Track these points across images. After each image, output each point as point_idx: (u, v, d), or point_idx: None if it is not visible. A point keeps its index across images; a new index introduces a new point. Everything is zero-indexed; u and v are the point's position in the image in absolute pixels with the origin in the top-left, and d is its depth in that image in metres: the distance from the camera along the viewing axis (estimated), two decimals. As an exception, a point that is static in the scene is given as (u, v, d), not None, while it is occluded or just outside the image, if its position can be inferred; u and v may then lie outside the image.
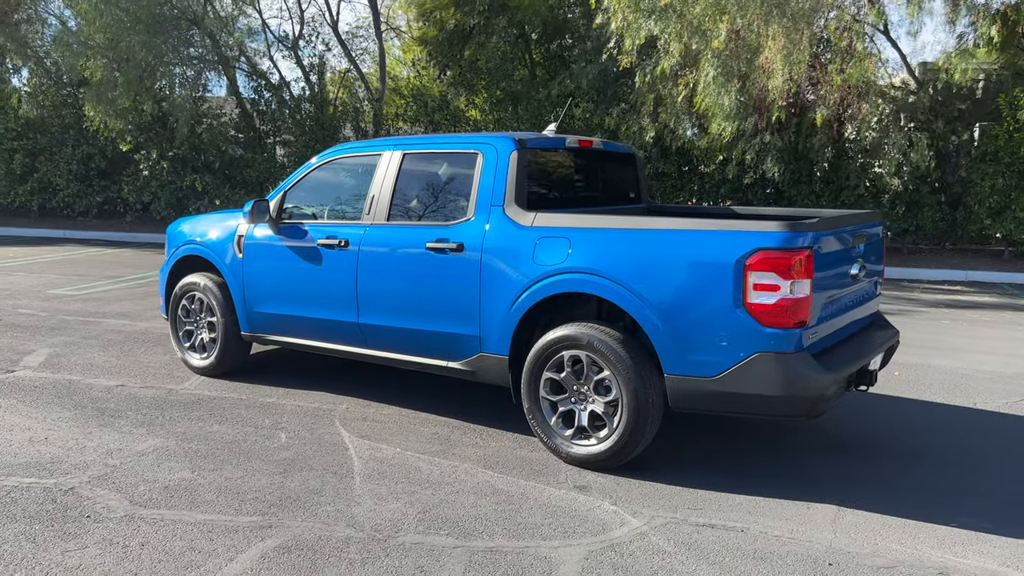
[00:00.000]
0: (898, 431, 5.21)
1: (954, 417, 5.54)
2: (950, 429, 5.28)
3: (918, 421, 5.44)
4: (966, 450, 4.87)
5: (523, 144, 4.81)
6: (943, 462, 4.65)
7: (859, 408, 5.68)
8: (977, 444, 4.99)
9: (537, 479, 4.31)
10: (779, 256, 3.85)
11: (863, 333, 4.75)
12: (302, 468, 4.41)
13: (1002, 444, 5.00)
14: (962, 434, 5.19)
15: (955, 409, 5.73)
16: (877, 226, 4.90)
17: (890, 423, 5.38)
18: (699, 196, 14.50)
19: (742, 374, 3.96)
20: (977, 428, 5.32)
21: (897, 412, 5.64)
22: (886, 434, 5.15)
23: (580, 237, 4.42)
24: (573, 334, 4.38)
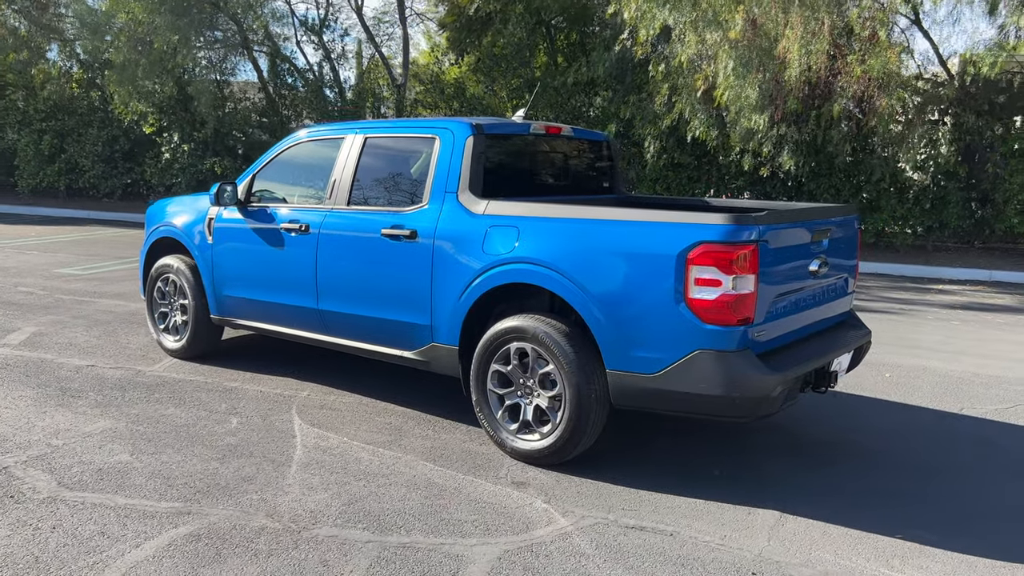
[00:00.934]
0: (866, 435, 4.99)
1: (933, 422, 5.30)
2: (924, 434, 5.05)
3: (891, 425, 5.21)
4: (933, 457, 4.64)
5: (480, 129, 4.68)
6: (905, 469, 4.44)
7: (832, 410, 5.47)
8: (947, 451, 4.76)
9: (477, 473, 4.20)
10: (721, 250, 3.67)
11: (827, 333, 4.54)
12: (242, 455, 4.36)
13: (974, 452, 4.76)
14: (934, 440, 4.95)
15: (937, 414, 5.48)
16: (849, 220, 4.68)
17: (861, 426, 5.17)
18: (716, 188, 14.21)
19: (682, 372, 3.80)
20: (953, 434, 5.08)
21: (872, 415, 5.42)
22: (853, 437, 4.94)
23: (528, 226, 4.29)
24: (519, 326, 4.26)
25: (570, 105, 15.05)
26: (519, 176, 5.10)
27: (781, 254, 3.93)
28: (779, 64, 10.80)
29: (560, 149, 5.41)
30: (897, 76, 11.15)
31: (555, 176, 5.40)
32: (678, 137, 13.15)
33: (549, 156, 5.36)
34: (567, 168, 5.47)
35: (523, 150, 5.12)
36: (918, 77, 13.39)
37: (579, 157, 5.63)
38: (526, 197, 4.88)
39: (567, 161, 5.48)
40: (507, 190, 4.94)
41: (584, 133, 5.63)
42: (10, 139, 18.65)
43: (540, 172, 5.30)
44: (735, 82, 10.17)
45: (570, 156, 5.51)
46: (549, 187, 5.29)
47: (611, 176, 5.82)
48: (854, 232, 4.75)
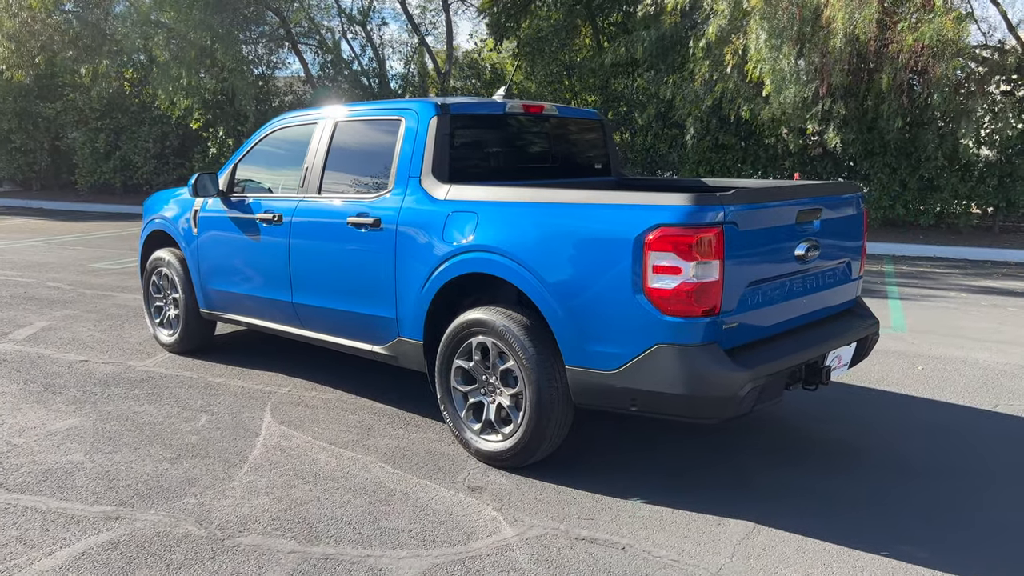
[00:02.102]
0: (875, 434, 4.53)
1: (956, 421, 4.80)
2: (941, 434, 4.56)
3: (906, 424, 4.73)
4: (945, 460, 4.17)
5: (445, 109, 4.39)
6: (908, 474, 3.98)
7: (844, 407, 5.01)
8: (964, 454, 4.27)
9: (434, 477, 3.94)
10: (680, 234, 3.31)
11: (824, 323, 4.11)
12: (198, 455, 4.19)
13: (996, 455, 4.26)
14: (953, 441, 4.46)
15: (965, 411, 4.97)
16: (849, 199, 4.22)
17: (871, 425, 4.70)
18: (765, 170, 13.57)
19: (642, 368, 3.46)
20: (977, 434, 4.57)
21: (888, 412, 4.94)
22: (858, 438, 4.49)
23: (486, 212, 3.99)
24: (480, 318, 3.97)
25: (609, 87, 14.58)
26: (495, 159, 4.79)
27: (756, 237, 3.53)
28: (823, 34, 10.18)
29: (544, 130, 5.07)
30: (954, 44, 10.37)
31: (539, 159, 5.06)
32: (721, 117, 12.58)
33: (532, 137, 5.03)
34: (554, 150, 5.13)
35: (500, 132, 4.80)
36: (983, 46, 12.50)
37: (567, 138, 5.28)
38: (504, 182, 4.58)
39: (553, 142, 5.13)
40: (481, 175, 4.64)
41: (572, 111, 5.28)
42: (71, 138, 19.18)
43: (521, 155, 4.97)
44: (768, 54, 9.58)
45: (557, 137, 5.16)
46: (532, 171, 4.96)
47: (605, 157, 5.45)
48: (857, 212, 4.30)
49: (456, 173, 4.41)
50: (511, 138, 4.88)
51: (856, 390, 5.38)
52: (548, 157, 5.08)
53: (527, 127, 4.96)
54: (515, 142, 4.92)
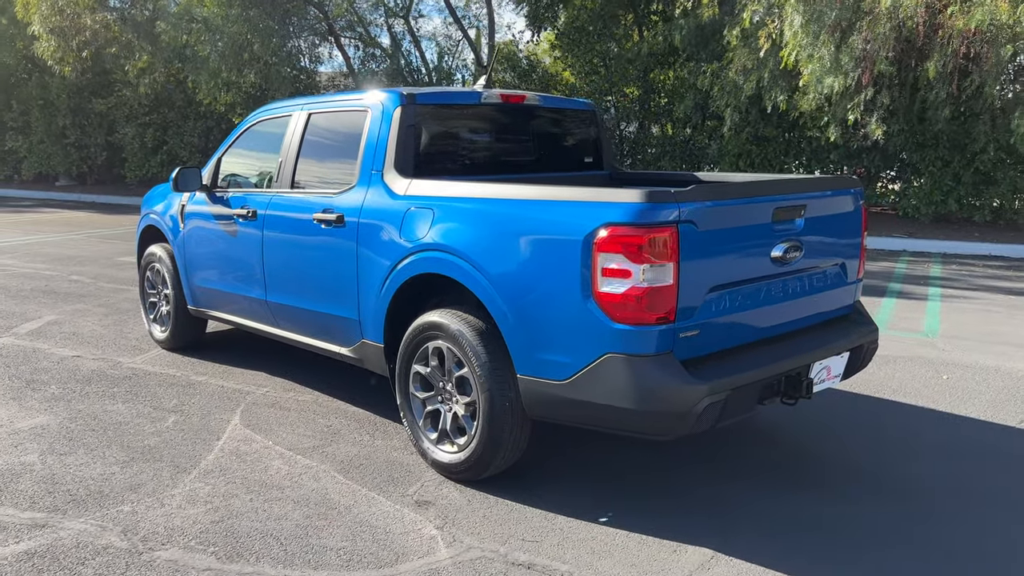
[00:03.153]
0: (874, 453, 4.15)
1: (973, 438, 4.38)
2: (952, 454, 4.15)
3: (915, 441, 4.33)
4: (949, 485, 3.77)
5: (411, 99, 4.16)
6: (902, 498, 3.61)
7: (847, 419, 4.63)
8: (970, 478, 3.87)
9: (384, 489, 3.72)
10: (629, 234, 3.02)
11: (810, 331, 3.75)
12: (152, 458, 4.06)
13: (1006, 477, 3.84)
14: (962, 462, 4.05)
15: (985, 427, 4.54)
16: (842, 195, 3.85)
17: (874, 441, 4.32)
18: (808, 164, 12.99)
19: (592, 379, 3.18)
20: (992, 456, 4.15)
21: (894, 426, 4.54)
22: (854, 456, 4.12)
23: (442, 208, 3.75)
24: (436, 321, 3.73)
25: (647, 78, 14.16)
26: (470, 153, 4.54)
27: (720, 237, 3.21)
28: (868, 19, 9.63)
29: (527, 121, 4.79)
30: (1009, 29, 9.70)
31: (521, 152, 4.79)
32: (761, 108, 12.06)
33: (512, 130, 4.76)
34: (538, 143, 4.85)
35: (475, 123, 4.55)
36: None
37: (554, 130, 4.99)
38: (478, 177, 4.34)
39: (537, 135, 4.85)
40: (453, 169, 4.40)
41: (559, 102, 5.00)
42: (122, 133, 19.57)
43: (500, 148, 4.70)
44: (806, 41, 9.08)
45: (541, 129, 4.88)
46: (512, 165, 4.70)
47: (596, 150, 5.15)
48: (855, 209, 3.92)
49: (423, 167, 4.18)
50: (488, 130, 4.62)
51: (866, 401, 4.98)
52: (531, 150, 4.81)
53: (507, 119, 4.70)
54: (493, 134, 4.66)
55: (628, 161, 15.08)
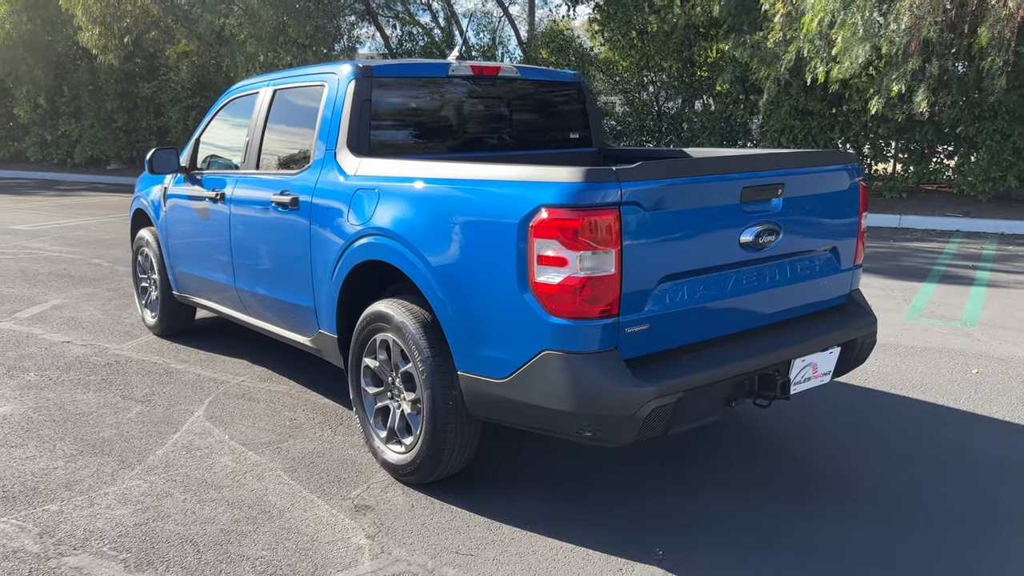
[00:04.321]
0: (873, 459, 3.75)
1: (991, 443, 3.93)
2: (963, 462, 3.72)
3: (924, 445, 3.90)
4: (955, 499, 3.36)
5: (366, 72, 3.87)
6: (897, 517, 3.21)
7: (852, 419, 4.21)
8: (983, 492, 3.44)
9: (326, 490, 3.48)
10: (564, 217, 2.69)
11: (790, 325, 3.36)
12: (101, 452, 3.90)
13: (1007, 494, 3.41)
14: (974, 472, 3.62)
15: (1008, 430, 4.08)
16: (835, 172, 3.43)
17: (876, 444, 3.90)
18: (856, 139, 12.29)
19: (530, 378, 2.87)
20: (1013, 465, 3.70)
21: (908, 428, 4.11)
22: (849, 462, 3.72)
23: (386, 190, 3.46)
24: (382, 312, 3.46)
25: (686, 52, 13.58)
26: (436, 130, 4.23)
27: (673, 220, 2.85)
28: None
29: (502, 95, 4.46)
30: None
31: (495, 129, 4.46)
32: (802, 80, 11.42)
33: (486, 104, 4.43)
34: (514, 118, 4.51)
35: (442, 98, 4.23)
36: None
37: (534, 104, 4.64)
38: (438, 156, 4.04)
39: (514, 110, 4.51)
40: (416, 148, 4.11)
41: (540, 73, 4.65)
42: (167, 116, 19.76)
43: (471, 124, 4.38)
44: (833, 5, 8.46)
45: (519, 103, 4.54)
46: (485, 143, 4.38)
47: (583, 125, 4.79)
48: (850, 187, 3.50)
49: (381, 146, 3.90)
50: (458, 105, 4.30)
51: (879, 398, 4.55)
52: (506, 126, 4.47)
53: (479, 92, 4.37)
54: (463, 110, 4.33)
55: (669, 138, 14.55)
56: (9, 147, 23.60)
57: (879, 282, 7.75)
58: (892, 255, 9.37)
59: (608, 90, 15.35)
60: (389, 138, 3.96)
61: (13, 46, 19.10)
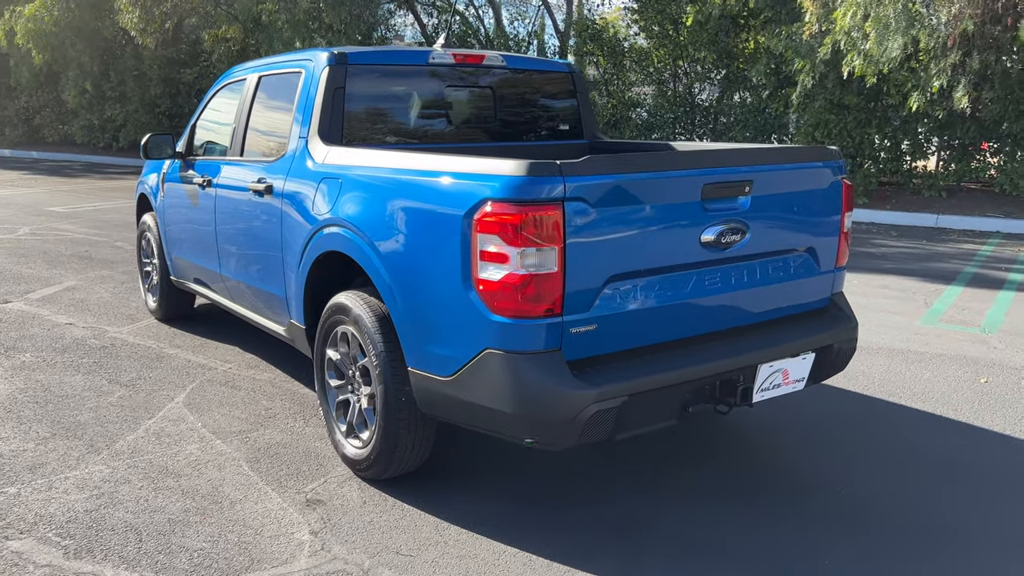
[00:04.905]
0: (843, 468, 3.58)
1: (987, 461, 3.73)
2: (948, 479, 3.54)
3: (901, 458, 3.71)
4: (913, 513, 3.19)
5: (341, 58, 3.81)
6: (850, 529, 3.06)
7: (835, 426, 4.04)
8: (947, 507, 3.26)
9: (283, 483, 3.44)
10: (506, 212, 2.59)
11: (758, 329, 3.21)
12: (73, 435, 3.92)
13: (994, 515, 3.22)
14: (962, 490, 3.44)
15: (1003, 444, 3.87)
16: (809, 168, 3.27)
17: (849, 455, 3.73)
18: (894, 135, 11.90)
19: (473, 377, 2.78)
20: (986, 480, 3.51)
21: (895, 441, 3.92)
22: (814, 470, 3.55)
23: (347, 179, 3.40)
24: (342, 303, 3.40)
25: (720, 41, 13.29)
26: (414, 120, 4.15)
27: (623, 218, 2.73)
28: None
29: (487, 85, 4.35)
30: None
31: (478, 119, 4.36)
32: (838, 73, 11.07)
33: (469, 94, 4.33)
34: (500, 109, 4.40)
35: (422, 87, 4.14)
36: None
37: (521, 94, 4.53)
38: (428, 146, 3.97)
39: (500, 100, 4.40)
40: (392, 138, 4.03)
41: (528, 63, 4.53)
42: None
43: (454, 115, 4.28)
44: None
45: (505, 93, 4.43)
46: (467, 134, 4.28)
47: (575, 116, 4.66)
48: (829, 185, 3.33)
49: (354, 135, 3.83)
50: (438, 95, 4.21)
51: (874, 405, 4.36)
52: (491, 117, 4.37)
53: (462, 82, 4.27)
54: (444, 99, 4.24)
55: (701, 131, 14.27)
56: (59, 130, 24.18)
57: (902, 283, 7.48)
58: (922, 256, 9.04)
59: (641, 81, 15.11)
60: (364, 127, 3.89)
61: (61, 32, 19.52)
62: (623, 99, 14.74)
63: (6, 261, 8.12)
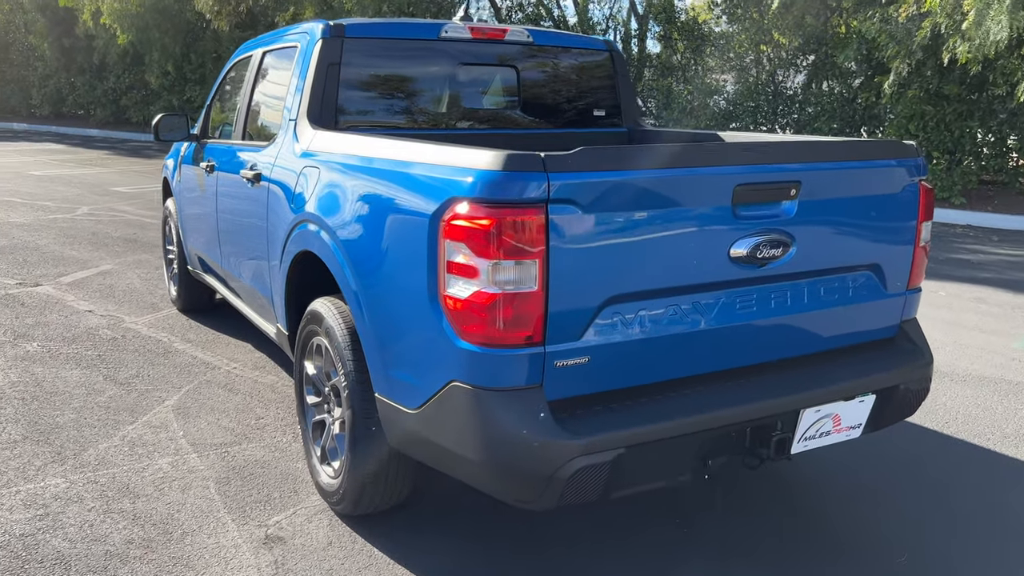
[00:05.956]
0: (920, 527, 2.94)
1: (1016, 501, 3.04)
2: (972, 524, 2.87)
3: (985, 516, 3.05)
4: None
5: (337, 31, 3.36)
6: None
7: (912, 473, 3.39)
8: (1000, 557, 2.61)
9: (246, 513, 3.03)
10: (475, 215, 2.08)
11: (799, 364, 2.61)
12: (44, 440, 3.62)
13: None
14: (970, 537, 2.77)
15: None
16: (878, 167, 2.64)
17: (923, 509, 3.08)
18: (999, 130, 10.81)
19: (439, 413, 2.29)
20: None
21: (979, 493, 3.25)
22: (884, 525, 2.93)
23: (326, 168, 2.95)
24: (317, 311, 2.96)
25: (807, 24, 12.36)
26: (422, 102, 3.66)
27: (627, 225, 2.18)
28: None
29: (509, 64, 3.83)
30: None
31: (502, 103, 3.84)
32: (938, 60, 10.08)
33: (488, 74, 3.81)
34: (524, 91, 3.87)
35: (432, 65, 3.65)
36: None
37: (550, 75, 3.99)
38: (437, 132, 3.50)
39: (524, 81, 3.87)
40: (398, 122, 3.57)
41: (558, 39, 3.99)
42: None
43: (470, 97, 3.78)
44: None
45: (532, 74, 3.90)
46: (489, 119, 3.78)
47: (613, 100, 4.10)
48: (902, 188, 2.69)
49: (349, 118, 3.38)
50: (452, 74, 3.71)
51: (954, 447, 3.69)
52: (515, 101, 3.85)
53: (480, 60, 3.76)
54: (459, 80, 3.74)
55: (784, 122, 13.37)
56: (144, 111, 24.68)
57: (1000, 297, 6.63)
58: (1025, 265, 8.10)
59: (720, 67, 14.27)
60: (362, 110, 3.44)
61: (145, 12, 19.80)
62: (700, 86, 13.94)
63: (54, 242, 8.04)
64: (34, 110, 28.40)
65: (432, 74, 3.64)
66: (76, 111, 27.27)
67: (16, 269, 6.83)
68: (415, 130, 3.53)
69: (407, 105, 3.60)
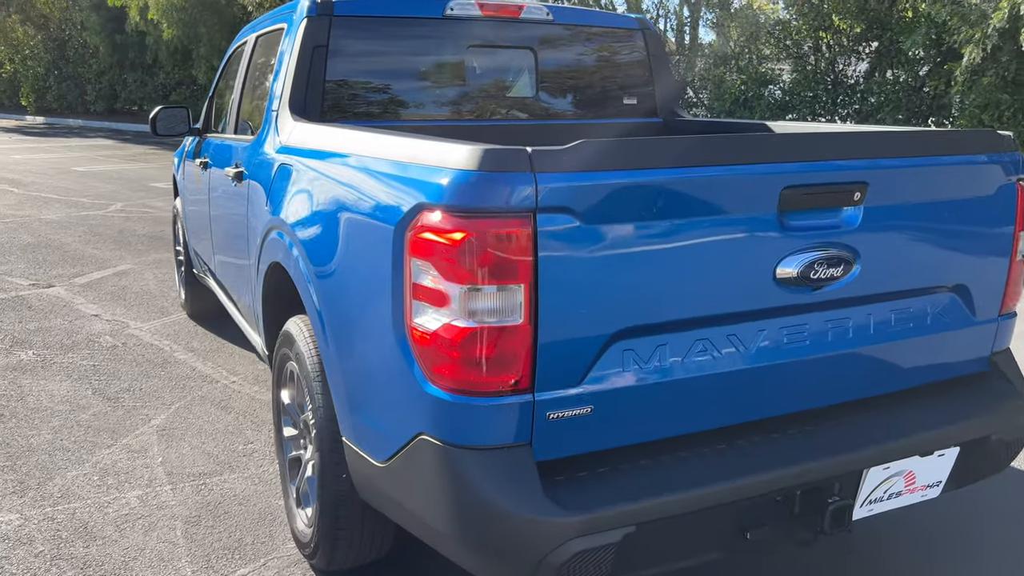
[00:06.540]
0: None
1: None
2: None
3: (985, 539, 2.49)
4: None
5: (324, 8, 2.93)
6: None
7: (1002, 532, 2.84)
8: None
9: (208, 564, 2.64)
10: (444, 226, 1.63)
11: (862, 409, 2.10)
12: (9, 467, 3.30)
13: None
14: None
15: None
16: (964, 164, 2.11)
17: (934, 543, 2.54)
18: (1083, 117, 9.93)
19: (406, 470, 1.85)
20: None
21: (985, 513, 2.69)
22: None
23: (299, 167, 2.52)
24: (289, 333, 2.54)
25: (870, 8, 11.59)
26: (425, 90, 3.21)
27: (640, 239, 1.70)
28: None
29: (528, 45, 3.35)
30: None
31: (517, 90, 3.37)
32: (1016, 44, 9.27)
33: (501, 58, 3.34)
34: (543, 77, 3.40)
35: (438, 48, 3.19)
36: None
37: (574, 58, 3.50)
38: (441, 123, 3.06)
39: (544, 66, 3.40)
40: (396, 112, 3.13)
41: (582, 16, 3.50)
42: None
43: (480, 84, 3.31)
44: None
45: (553, 57, 3.42)
46: (502, 108, 3.31)
47: (646, 87, 3.59)
48: (996, 190, 2.16)
49: (338, 108, 2.95)
50: (460, 58, 3.25)
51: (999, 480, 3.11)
52: (529, 88, 3.38)
53: (492, 42, 3.29)
54: (468, 64, 3.28)
55: (844, 112, 12.60)
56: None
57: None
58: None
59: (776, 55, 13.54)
60: (353, 99, 3.00)
61: (192, 7, 19.78)
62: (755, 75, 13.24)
63: (79, 240, 7.84)
64: (89, 106, 28.81)
65: (436, 57, 3.18)
66: (129, 107, 27.54)
67: (33, 269, 6.61)
68: (415, 122, 3.09)
69: (406, 93, 3.15)
